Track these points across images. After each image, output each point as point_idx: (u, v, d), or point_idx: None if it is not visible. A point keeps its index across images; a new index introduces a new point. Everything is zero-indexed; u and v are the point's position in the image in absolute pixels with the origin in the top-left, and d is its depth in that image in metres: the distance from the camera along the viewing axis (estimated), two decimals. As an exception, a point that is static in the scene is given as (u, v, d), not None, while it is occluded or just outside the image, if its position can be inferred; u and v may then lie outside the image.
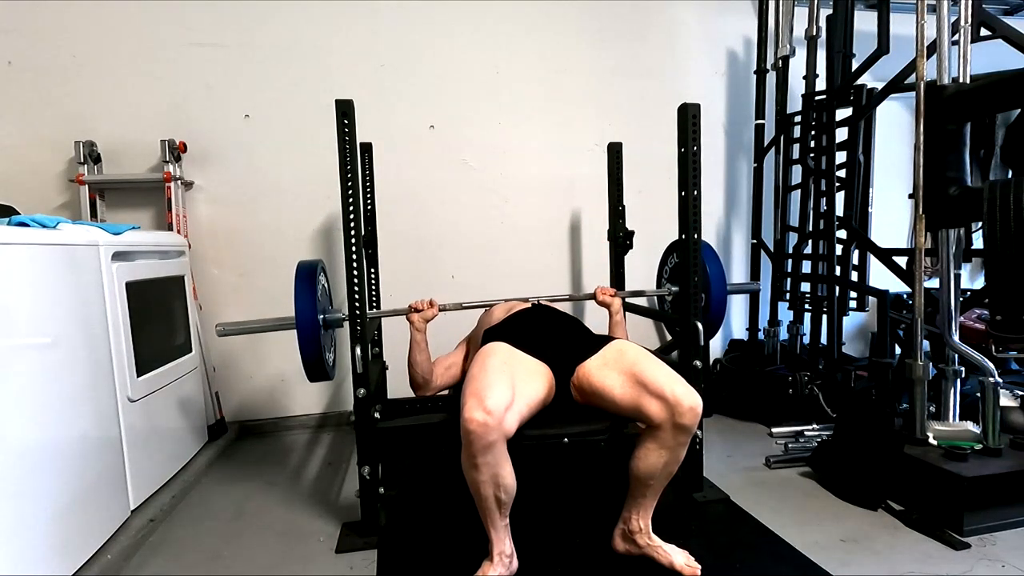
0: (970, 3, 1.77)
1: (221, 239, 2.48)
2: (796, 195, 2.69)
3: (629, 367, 1.38)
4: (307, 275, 1.63)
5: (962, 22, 1.77)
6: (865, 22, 2.38)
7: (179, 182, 2.33)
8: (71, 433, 1.40)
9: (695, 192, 1.72)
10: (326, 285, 1.84)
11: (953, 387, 1.79)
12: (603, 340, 1.53)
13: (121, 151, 2.36)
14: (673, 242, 2.02)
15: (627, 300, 2.43)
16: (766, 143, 2.77)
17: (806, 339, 2.69)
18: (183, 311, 2.18)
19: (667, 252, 2.11)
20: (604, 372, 1.42)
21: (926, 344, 1.81)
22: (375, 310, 2.17)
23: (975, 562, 1.41)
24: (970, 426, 1.74)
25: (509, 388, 1.28)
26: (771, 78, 2.76)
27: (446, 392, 1.84)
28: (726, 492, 1.80)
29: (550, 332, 1.57)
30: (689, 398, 1.28)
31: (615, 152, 2.43)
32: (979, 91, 1.65)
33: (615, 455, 1.48)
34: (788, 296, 2.75)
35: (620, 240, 2.42)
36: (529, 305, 1.70)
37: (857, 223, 2.47)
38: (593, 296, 1.92)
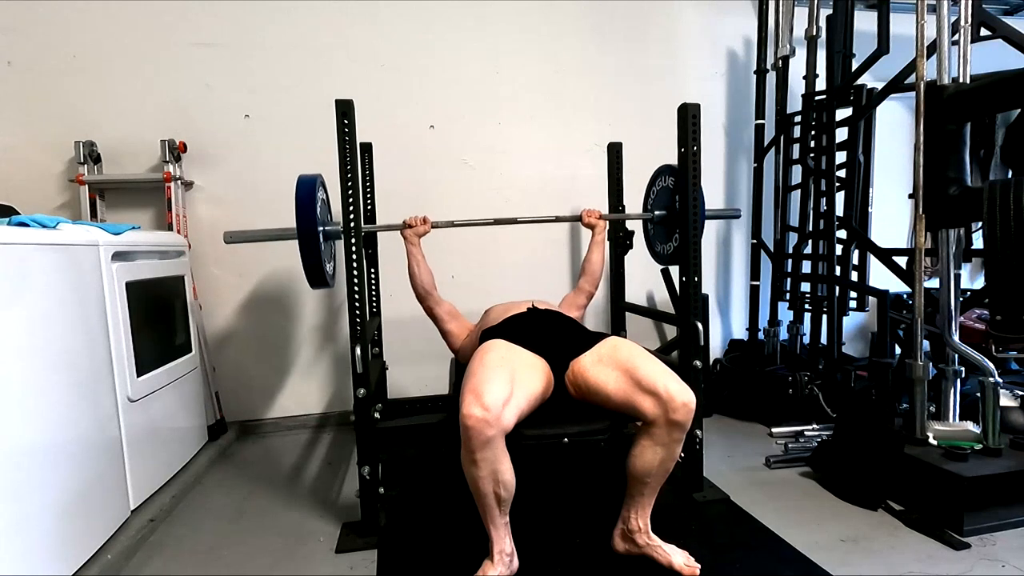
0: (970, 3, 1.77)
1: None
2: (796, 195, 2.69)
3: (623, 363, 1.39)
4: (307, 187, 1.67)
5: (962, 22, 1.77)
6: (865, 22, 2.38)
7: (179, 182, 2.33)
8: (71, 433, 1.40)
9: (695, 192, 1.72)
10: (325, 198, 1.87)
11: (953, 387, 1.79)
12: (598, 336, 1.53)
13: (121, 151, 2.36)
14: (662, 166, 2.02)
15: (628, 301, 2.43)
16: (766, 143, 2.77)
17: (806, 339, 2.69)
18: (183, 311, 2.18)
19: (655, 175, 2.09)
20: (598, 368, 1.42)
21: (926, 344, 1.81)
22: (369, 224, 2.21)
23: (975, 562, 1.41)
24: (970, 426, 1.74)
25: (507, 383, 1.29)
26: (771, 78, 2.76)
27: (441, 329, 1.90)
28: (726, 492, 1.80)
29: (546, 329, 1.58)
30: (682, 394, 1.28)
31: (615, 152, 2.43)
32: (979, 91, 1.65)
33: (615, 455, 1.48)
34: (788, 296, 2.75)
35: (620, 240, 2.42)
36: (525, 308, 1.71)
37: (857, 223, 2.47)
38: (579, 218, 2.03)
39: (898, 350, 2.18)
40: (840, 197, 2.49)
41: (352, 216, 1.54)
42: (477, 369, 1.34)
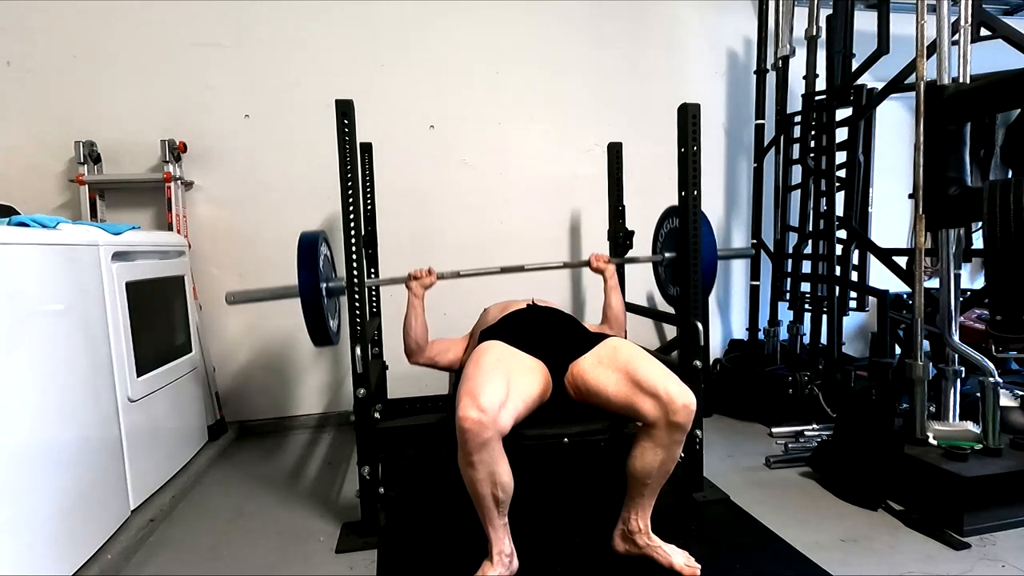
0: (970, 3, 1.77)
1: (221, 239, 2.48)
2: (796, 195, 2.69)
3: (623, 365, 1.39)
4: (309, 245, 1.66)
5: (962, 22, 1.77)
6: (865, 22, 2.38)
7: (179, 182, 2.33)
8: (71, 433, 1.40)
9: (695, 192, 1.72)
10: (328, 254, 1.87)
11: (953, 387, 1.79)
12: (598, 338, 1.53)
13: (121, 151, 2.36)
14: (669, 207, 2.00)
15: (628, 301, 2.43)
16: (766, 143, 2.77)
17: (806, 339, 2.69)
18: (183, 311, 2.18)
19: (663, 217, 2.08)
20: (598, 370, 1.42)
21: (926, 344, 1.81)
22: (372, 278, 2.17)
23: (975, 562, 1.41)
24: (970, 426, 1.74)
25: (503, 386, 1.29)
26: (771, 78, 2.76)
27: (444, 368, 1.83)
28: (726, 492, 1.79)
29: (545, 329, 1.57)
30: (682, 396, 1.28)
31: (615, 152, 2.43)
32: (979, 91, 1.65)
33: (615, 455, 1.48)
34: (788, 296, 2.75)
35: (620, 240, 2.42)
36: (524, 305, 1.70)
37: (857, 223, 2.47)
38: (588, 263, 1.93)
39: (898, 350, 2.18)
40: (840, 197, 2.49)
41: (352, 217, 1.53)
42: (473, 372, 1.34)
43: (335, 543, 1.59)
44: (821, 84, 2.51)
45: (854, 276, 2.59)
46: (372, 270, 2.39)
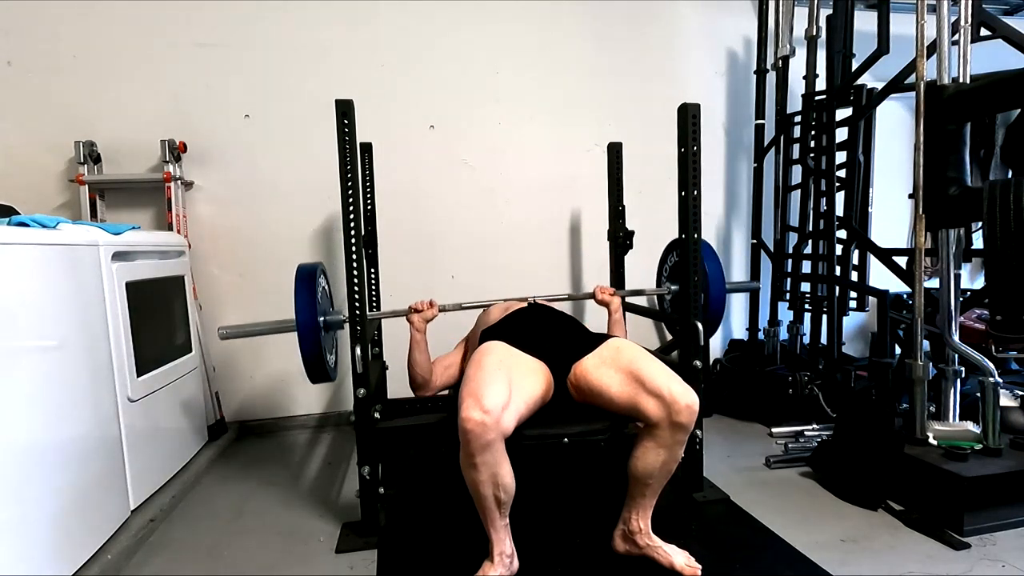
0: (970, 3, 1.77)
1: (221, 239, 2.48)
2: (796, 195, 2.69)
3: (626, 365, 1.39)
4: (306, 278, 1.64)
5: (962, 22, 1.77)
6: (865, 22, 2.38)
7: (179, 182, 2.33)
8: (71, 433, 1.40)
9: (695, 192, 1.72)
10: (326, 287, 1.85)
11: (953, 387, 1.79)
12: (600, 338, 1.53)
13: (121, 151, 2.36)
14: (672, 241, 2.02)
15: (627, 300, 2.43)
16: (766, 143, 2.77)
17: (806, 339, 2.69)
18: (183, 311, 2.18)
19: (667, 251, 2.11)
20: (601, 370, 1.42)
21: (926, 344, 1.81)
22: (375, 311, 2.17)
23: (975, 562, 1.41)
24: (970, 426, 1.74)
25: (506, 387, 1.29)
26: (771, 78, 2.76)
27: (446, 392, 1.84)
28: (726, 492, 1.80)
29: (547, 330, 1.57)
30: (686, 396, 1.28)
31: (615, 152, 2.43)
32: (979, 91, 1.65)
33: (615, 455, 1.48)
34: (788, 296, 2.75)
35: (620, 240, 2.42)
36: (526, 305, 1.70)
37: (857, 223, 2.47)
38: (592, 295, 1.91)
39: (898, 350, 2.18)
40: (840, 197, 2.49)
41: (352, 217, 1.53)
42: (475, 373, 1.34)
43: (335, 543, 1.59)
44: (821, 84, 2.51)
45: (854, 276, 2.59)
46: (372, 270, 2.39)
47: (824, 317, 2.52)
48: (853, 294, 2.58)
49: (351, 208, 1.53)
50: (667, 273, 2.09)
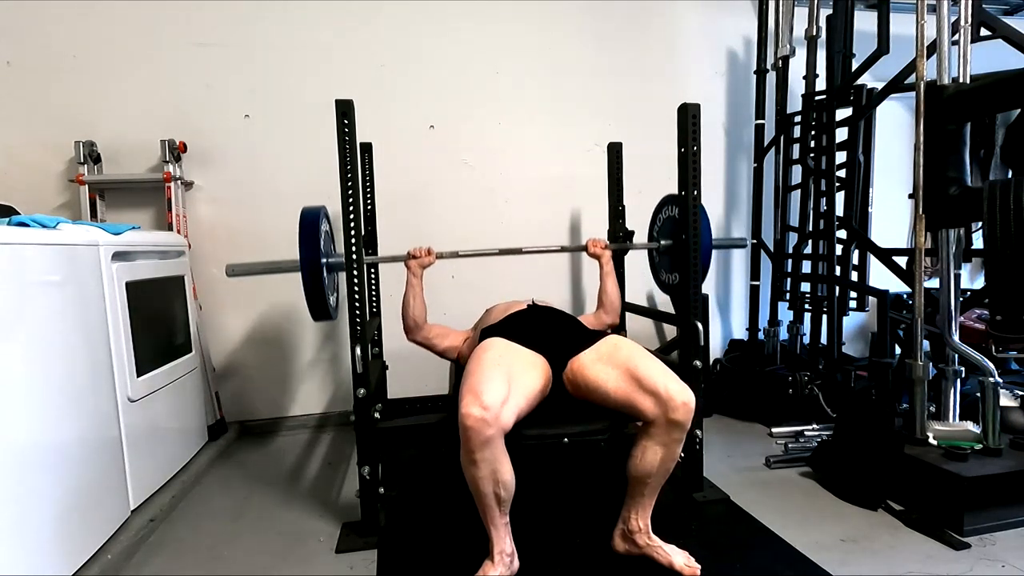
0: (970, 3, 1.77)
1: (221, 239, 2.48)
2: (796, 195, 2.69)
3: (623, 362, 1.39)
4: (310, 221, 1.67)
5: (962, 22, 1.77)
6: (865, 22, 2.38)
7: (179, 182, 2.33)
8: (71, 433, 1.40)
9: (695, 192, 1.72)
10: (328, 230, 1.87)
11: (953, 387, 1.79)
12: (598, 335, 1.54)
13: (121, 151, 2.36)
14: (667, 195, 2.02)
15: (628, 301, 2.43)
16: (766, 143, 2.77)
17: (806, 339, 2.69)
18: (183, 311, 2.18)
19: (661, 204, 2.08)
20: (598, 367, 1.42)
21: (926, 344, 1.81)
22: (371, 255, 2.19)
23: (975, 562, 1.41)
24: (970, 426, 1.74)
25: (505, 383, 1.29)
26: (771, 78, 2.76)
27: (440, 353, 1.85)
28: (726, 492, 1.80)
29: (545, 326, 1.58)
30: (682, 394, 1.29)
31: (615, 152, 2.43)
32: (979, 91, 1.65)
33: (615, 455, 1.48)
34: (788, 296, 2.75)
35: (620, 240, 2.42)
36: (525, 306, 1.71)
37: (857, 223, 2.47)
38: (585, 248, 1.99)
39: (898, 350, 2.18)
40: (840, 197, 2.49)
41: (352, 217, 1.53)
42: (475, 369, 1.34)
43: (335, 543, 1.59)
44: (821, 84, 2.51)
45: (854, 276, 2.59)
46: (372, 270, 2.39)
47: (824, 317, 2.52)
48: (853, 294, 2.58)
49: (351, 208, 1.53)
50: (659, 225, 2.07)
